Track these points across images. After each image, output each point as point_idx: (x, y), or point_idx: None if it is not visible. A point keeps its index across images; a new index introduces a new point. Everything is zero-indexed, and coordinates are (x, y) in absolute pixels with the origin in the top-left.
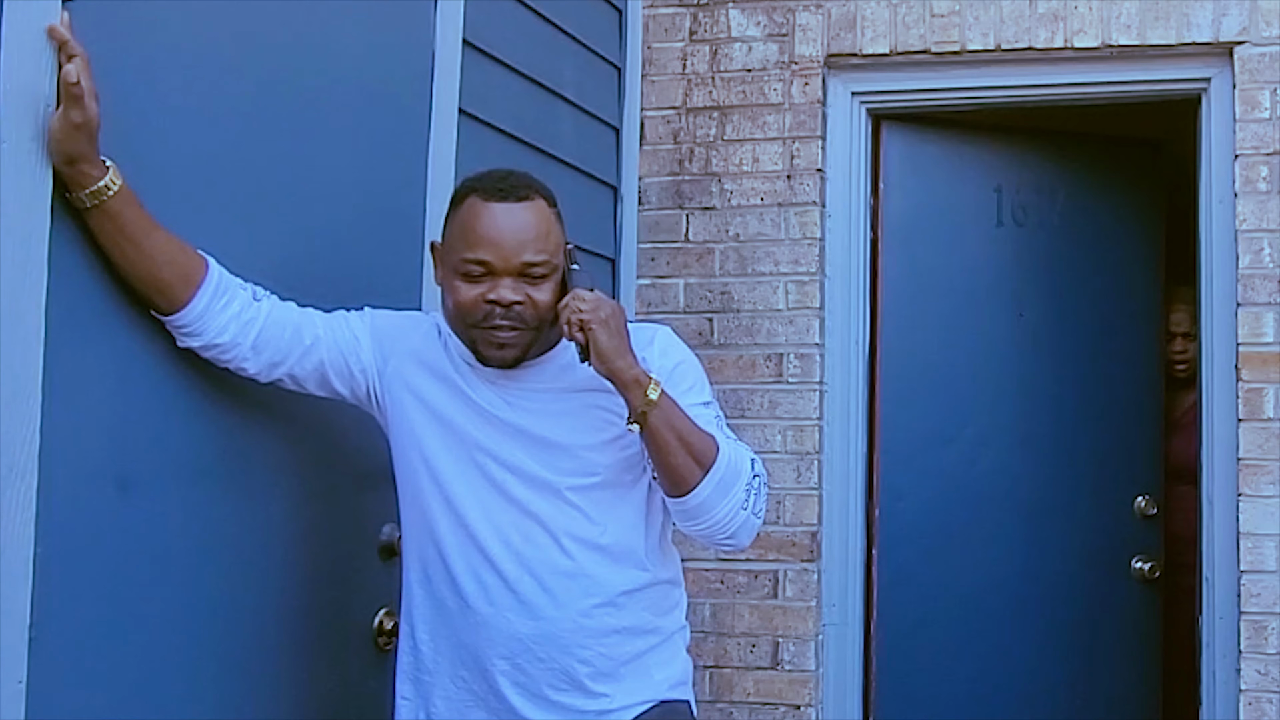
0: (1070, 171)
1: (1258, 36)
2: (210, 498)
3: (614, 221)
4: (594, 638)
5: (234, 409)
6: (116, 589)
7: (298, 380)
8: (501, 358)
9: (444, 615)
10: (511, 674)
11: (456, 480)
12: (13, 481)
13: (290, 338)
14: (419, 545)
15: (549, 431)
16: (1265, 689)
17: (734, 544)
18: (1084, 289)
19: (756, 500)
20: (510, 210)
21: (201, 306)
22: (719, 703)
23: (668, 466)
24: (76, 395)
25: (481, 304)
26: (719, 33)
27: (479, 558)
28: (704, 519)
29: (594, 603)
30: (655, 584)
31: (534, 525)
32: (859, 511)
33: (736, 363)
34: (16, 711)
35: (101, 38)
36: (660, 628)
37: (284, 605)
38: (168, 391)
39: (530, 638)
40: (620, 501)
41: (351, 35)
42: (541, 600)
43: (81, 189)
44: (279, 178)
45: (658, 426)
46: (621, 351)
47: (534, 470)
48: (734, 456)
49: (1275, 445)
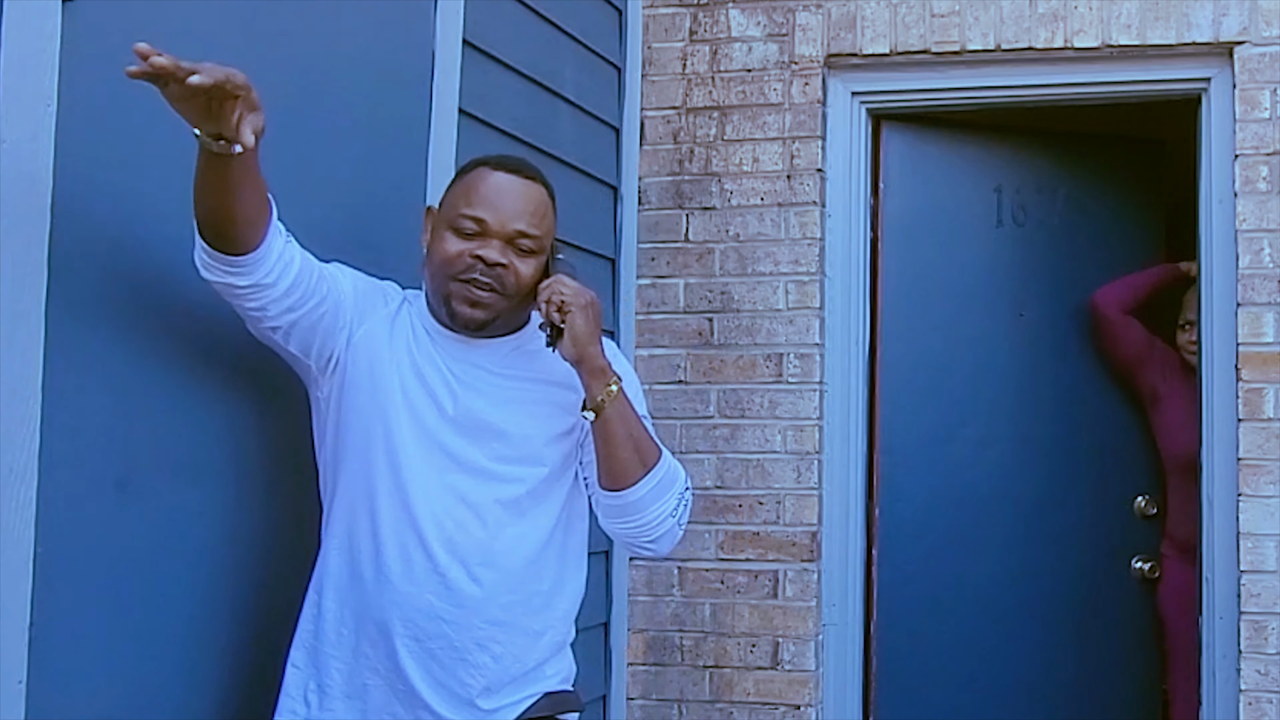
0: (1070, 171)
1: (1258, 36)
2: (210, 498)
3: (614, 221)
4: (506, 630)
5: (234, 409)
6: (116, 589)
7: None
8: (472, 315)
9: (358, 586)
10: (418, 655)
11: (406, 457)
12: (13, 482)
13: (314, 282)
14: (349, 511)
15: (500, 419)
16: (1265, 689)
17: (654, 549)
18: (1084, 289)
19: (684, 512)
20: (515, 182)
21: (264, 248)
22: (719, 703)
23: (613, 459)
24: (76, 395)
25: (467, 257)
26: (719, 33)
27: (411, 535)
28: (634, 518)
29: (514, 598)
30: (568, 589)
31: (468, 513)
32: (859, 511)
33: (736, 363)
34: (16, 711)
35: (101, 38)
36: (562, 636)
37: (283, 605)
38: (168, 391)
39: (447, 620)
40: (555, 497)
41: (351, 35)
42: (468, 588)
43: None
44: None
45: (612, 418)
46: (594, 338)
47: (479, 459)
48: (671, 465)
49: (1275, 445)
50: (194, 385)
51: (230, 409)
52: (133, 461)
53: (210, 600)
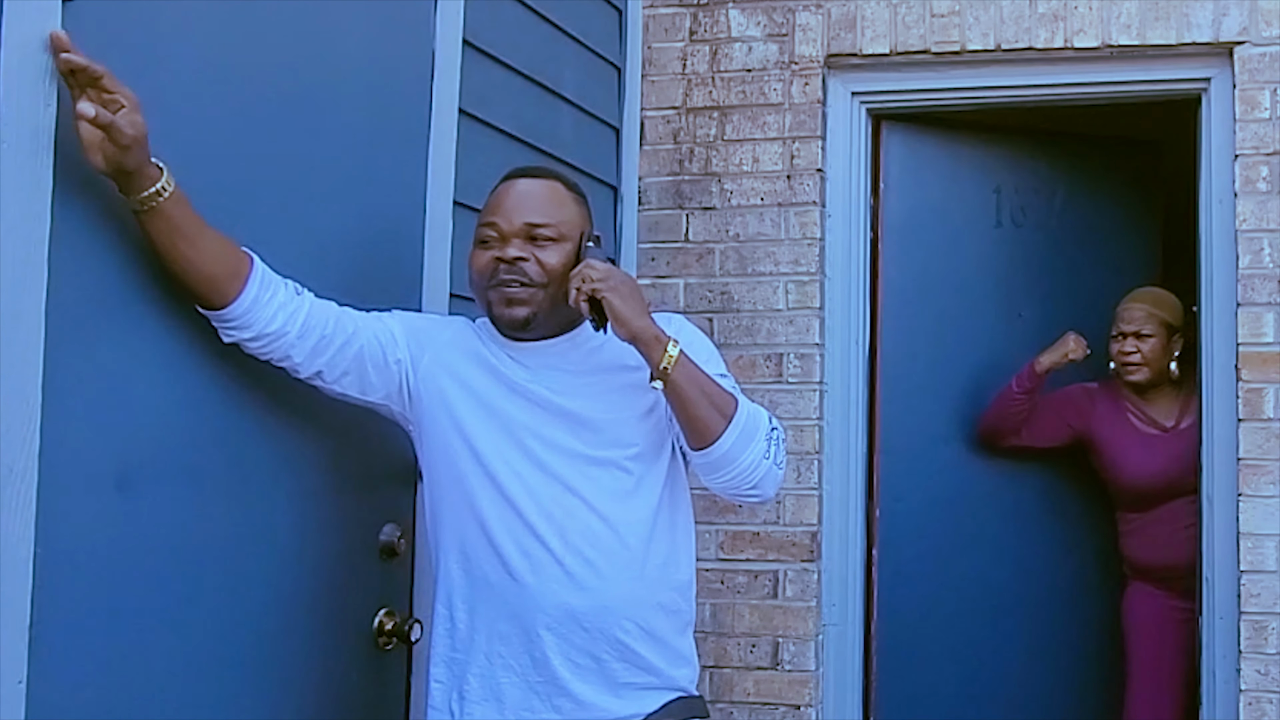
0: (1068, 172)
1: (1258, 36)
2: (210, 498)
3: (614, 221)
4: (638, 608)
5: (234, 409)
6: (116, 589)
7: (336, 370)
8: (513, 315)
9: (486, 590)
10: (559, 645)
11: (498, 459)
12: (13, 481)
13: (333, 326)
14: (458, 526)
15: (583, 409)
16: (1265, 689)
17: (759, 494)
18: (1081, 289)
19: (778, 451)
20: (523, 183)
21: (250, 299)
22: (719, 703)
23: (691, 419)
24: (76, 395)
25: (490, 263)
26: (719, 33)
27: (524, 531)
28: (729, 469)
29: (634, 576)
30: (683, 568)
31: (575, 500)
32: (859, 511)
33: (736, 363)
34: (16, 711)
35: (101, 38)
36: (685, 613)
37: (284, 605)
38: (167, 391)
39: (578, 609)
40: (655, 475)
41: (351, 35)
42: (586, 573)
43: (137, 194)
44: (278, 178)
45: (679, 380)
46: (639, 312)
47: (574, 446)
48: (752, 410)
49: (1275, 445)
50: (194, 385)
51: (230, 409)
52: (133, 461)
53: (210, 600)
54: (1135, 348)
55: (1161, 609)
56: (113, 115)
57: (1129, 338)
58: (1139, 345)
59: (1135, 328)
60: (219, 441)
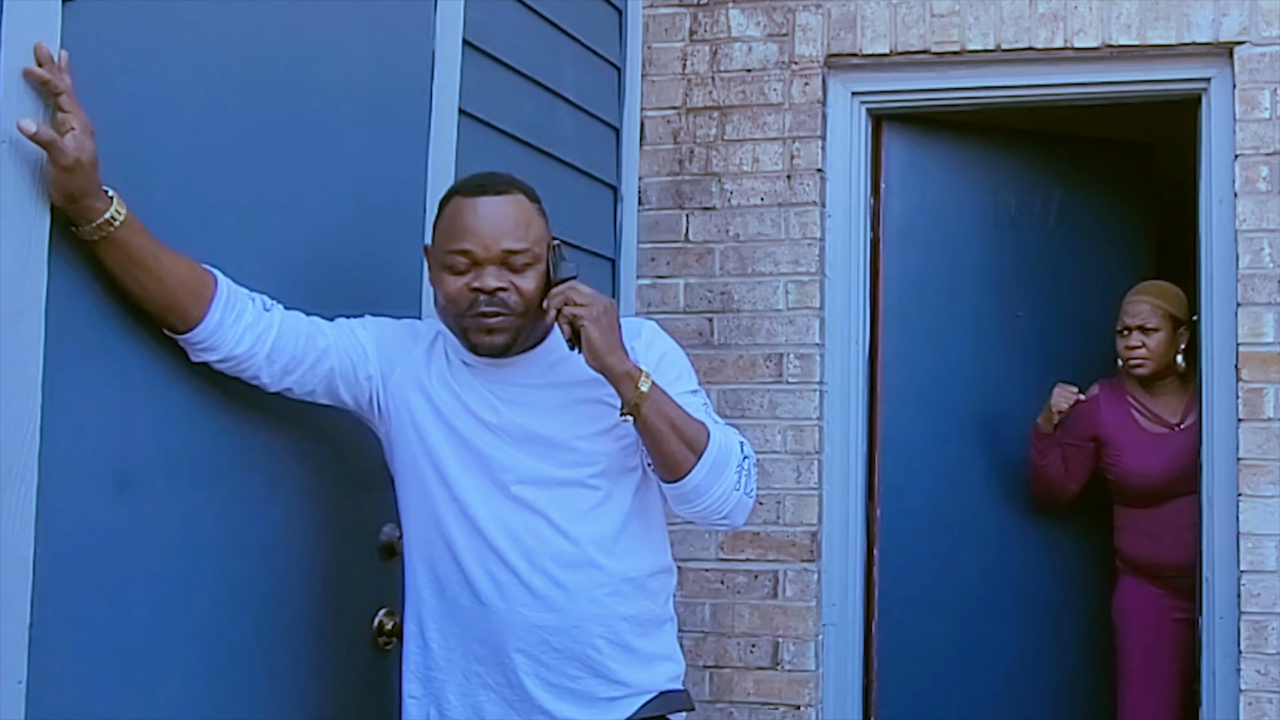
0: (1066, 174)
1: (1258, 36)
2: (210, 498)
3: (614, 221)
4: (605, 625)
5: (234, 409)
6: (116, 589)
7: (305, 387)
8: (491, 343)
9: (457, 613)
10: (531, 666)
11: (463, 481)
12: (13, 482)
13: (303, 345)
14: (426, 547)
15: (545, 428)
16: (1265, 689)
17: (729, 523)
18: (1079, 290)
19: (748, 481)
20: (489, 203)
21: (215, 322)
22: (719, 703)
23: (662, 454)
24: (76, 395)
25: (467, 293)
26: (719, 33)
27: (490, 555)
28: (699, 501)
29: (603, 591)
30: (655, 572)
31: (539, 520)
32: (859, 511)
33: (736, 363)
34: (16, 711)
35: (100, 39)
36: (659, 615)
37: (283, 605)
38: (167, 392)
39: (546, 629)
40: (621, 490)
41: (351, 35)
42: (554, 594)
43: (86, 223)
44: (278, 178)
45: (650, 416)
46: (612, 347)
47: (539, 469)
48: (724, 441)
49: (1275, 445)
50: (194, 385)
51: (230, 409)
52: (133, 461)
53: (210, 600)
54: (1140, 342)
55: (1155, 606)
56: (56, 134)
57: (1134, 332)
58: (1144, 339)
59: (1140, 322)
60: (218, 442)
